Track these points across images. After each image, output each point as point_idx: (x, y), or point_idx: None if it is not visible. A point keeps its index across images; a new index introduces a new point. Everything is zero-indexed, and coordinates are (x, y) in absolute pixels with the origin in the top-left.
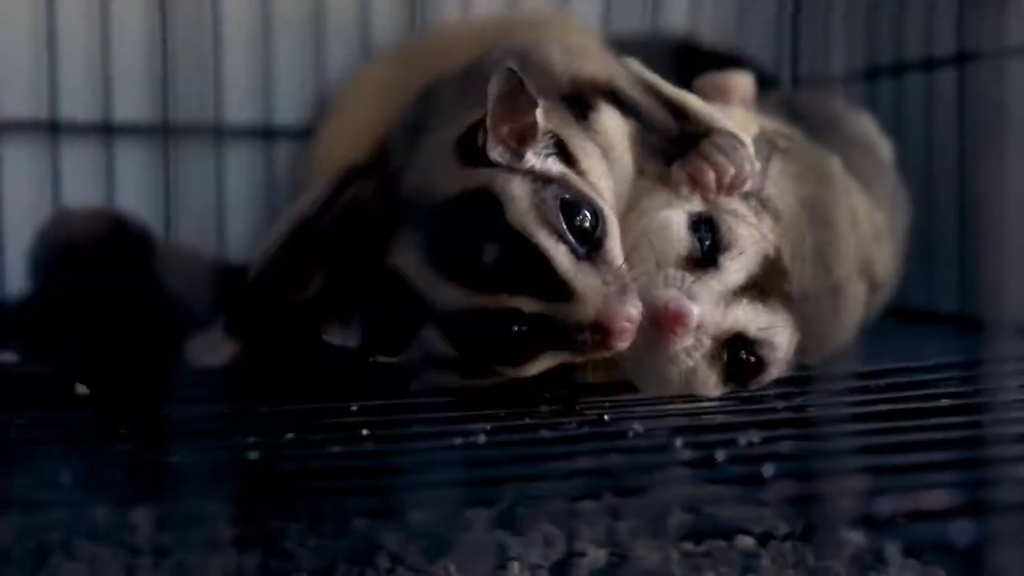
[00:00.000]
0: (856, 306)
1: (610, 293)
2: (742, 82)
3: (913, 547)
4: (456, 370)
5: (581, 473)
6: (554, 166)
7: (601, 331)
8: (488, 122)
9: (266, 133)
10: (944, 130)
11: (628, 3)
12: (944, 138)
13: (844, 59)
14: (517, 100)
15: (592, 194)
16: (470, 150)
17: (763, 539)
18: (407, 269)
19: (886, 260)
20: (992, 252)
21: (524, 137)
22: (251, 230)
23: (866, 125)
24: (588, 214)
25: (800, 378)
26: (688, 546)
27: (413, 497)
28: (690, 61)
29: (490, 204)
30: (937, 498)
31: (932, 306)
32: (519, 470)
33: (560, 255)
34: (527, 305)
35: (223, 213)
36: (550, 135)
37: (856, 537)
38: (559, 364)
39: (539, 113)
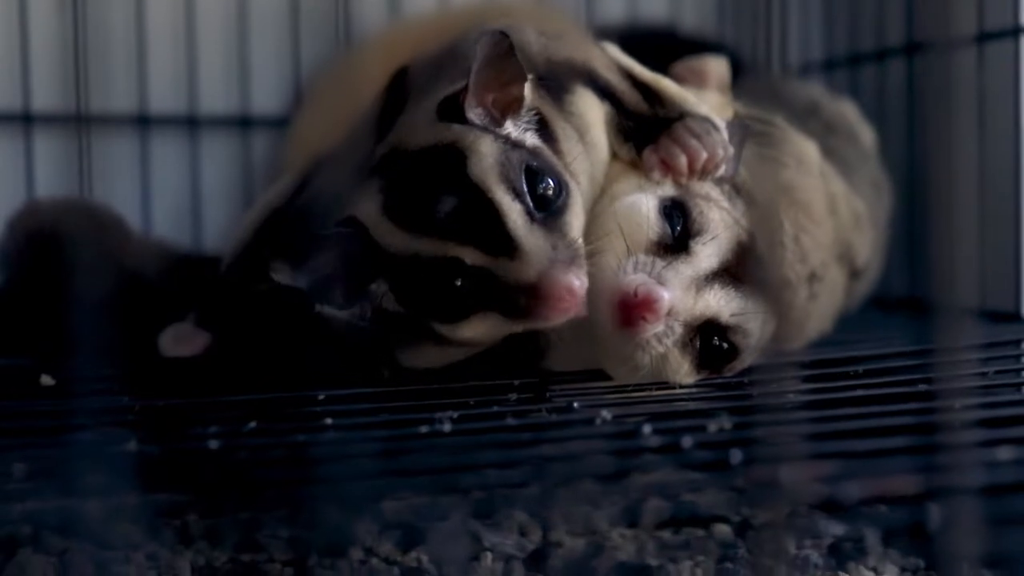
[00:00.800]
0: (835, 293)
1: (556, 258)
2: (718, 66)
3: (890, 534)
4: (403, 332)
5: (546, 460)
6: (531, 139)
7: (539, 296)
8: (472, 81)
9: (243, 122)
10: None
11: None
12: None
13: (826, 46)
14: (504, 66)
15: (562, 169)
16: (450, 109)
17: (741, 528)
18: (366, 216)
19: (866, 247)
20: (940, 237)
21: (507, 109)
22: (228, 220)
23: (848, 112)
24: (552, 183)
25: (775, 365)
26: (665, 535)
27: (371, 486)
28: (671, 50)
29: (455, 157)
30: (904, 483)
31: (915, 294)
32: (483, 456)
33: (513, 212)
34: (471, 256)
35: (199, 203)
36: (534, 111)
37: (834, 527)
38: (525, 346)
39: (527, 87)
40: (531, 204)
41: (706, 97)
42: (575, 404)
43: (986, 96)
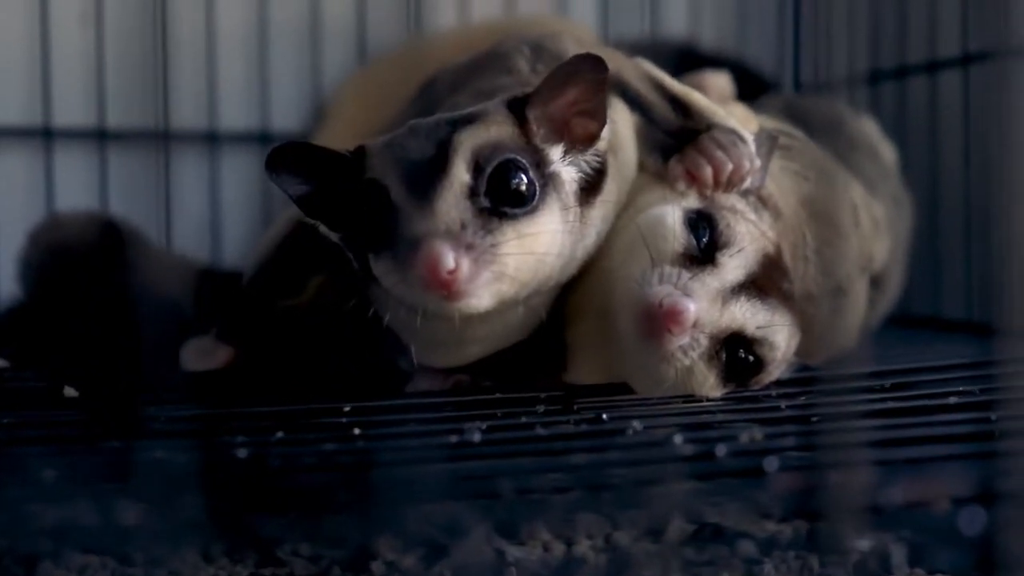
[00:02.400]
0: (859, 307)
1: (457, 235)
2: (719, 82)
3: (919, 551)
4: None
5: (578, 468)
6: (568, 174)
7: (413, 257)
8: (547, 83)
9: (263, 138)
10: (949, 134)
11: (626, 8)
12: (950, 142)
13: (847, 63)
14: (589, 96)
15: (557, 190)
16: (516, 102)
17: (766, 546)
18: (375, 144)
19: (883, 250)
20: (1002, 257)
21: (575, 138)
22: (248, 235)
23: (869, 129)
24: (530, 185)
25: (803, 379)
26: (689, 553)
27: (405, 495)
28: (691, 65)
29: (456, 125)
30: (942, 487)
31: (938, 312)
32: (516, 463)
33: (456, 181)
34: (398, 193)
35: (220, 218)
36: (597, 156)
37: (861, 543)
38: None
39: (607, 130)
40: (484, 187)
41: (733, 110)
42: (604, 416)
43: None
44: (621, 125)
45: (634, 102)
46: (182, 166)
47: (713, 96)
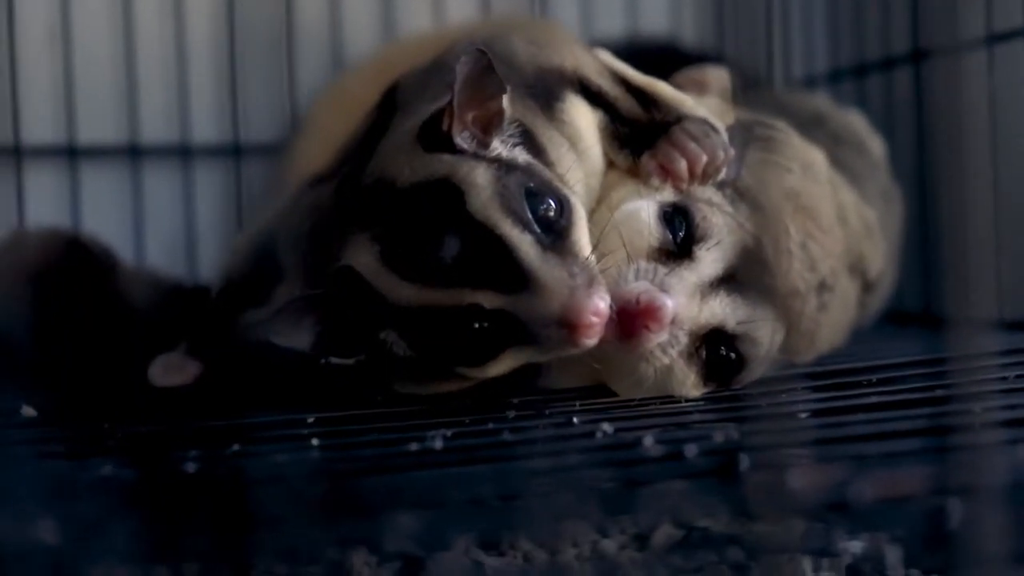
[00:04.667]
0: (847, 304)
1: (576, 286)
2: (719, 76)
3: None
4: (416, 373)
5: (536, 474)
6: (520, 155)
7: (567, 326)
8: (455, 104)
9: (236, 150)
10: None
11: (607, 7)
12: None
13: (831, 58)
14: (484, 84)
15: (559, 183)
16: (434, 136)
17: (754, 552)
18: (364, 267)
19: (879, 258)
20: (953, 248)
21: (489, 124)
22: (223, 249)
23: (856, 123)
24: (552, 203)
25: (787, 376)
26: (676, 560)
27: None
28: (673, 64)
29: (451, 194)
30: (916, 480)
31: (929, 307)
32: (474, 470)
33: (524, 245)
34: (489, 300)
35: (194, 233)
36: (516, 124)
37: (854, 545)
38: (525, 365)
39: (505, 99)
40: (538, 230)
41: (706, 102)
42: (575, 419)
43: (997, 99)
44: (575, 116)
45: (597, 98)
46: (154, 181)
47: (712, 91)
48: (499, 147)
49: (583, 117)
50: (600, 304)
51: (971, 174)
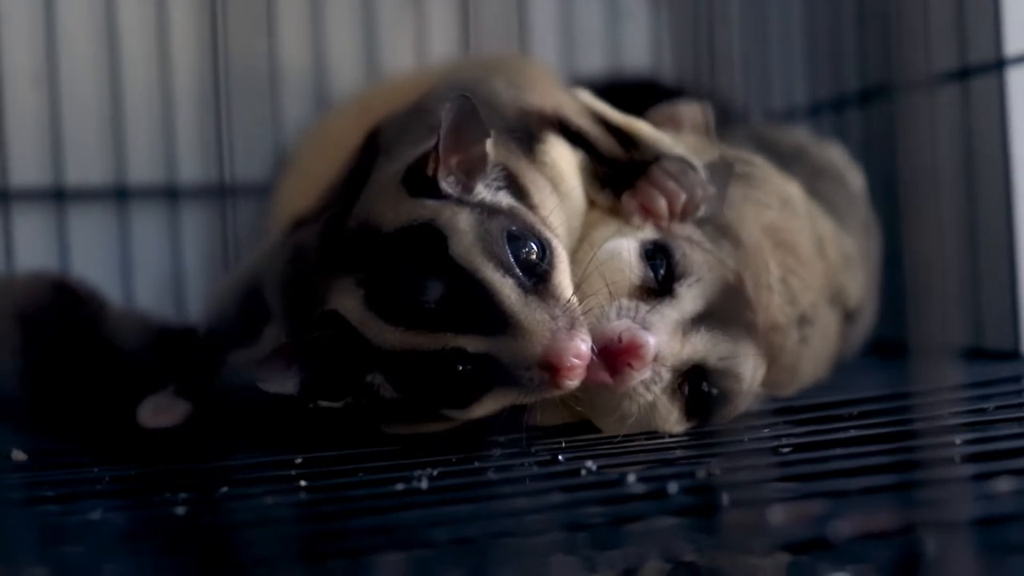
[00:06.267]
0: (828, 337)
1: (558, 328)
2: (691, 112)
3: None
4: (403, 414)
5: (522, 513)
6: (504, 199)
7: (549, 369)
8: (440, 150)
9: (223, 191)
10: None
11: (588, 44)
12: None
13: (810, 91)
14: (469, 129)
15: (541, 226)
16: (418, 181)
17: None
18: (349, 312)
19: (858, 288)
20: (915, 275)
21: (473, 169)
22: (211, 289)
23: (835, 155)
24: (535, 246)
25: (770, 411)
26: None
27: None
28: (654, 99)
29: (434, 239)
30: (892, 518)
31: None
32: (455, 511)
33: (507, 289)
34: (472, 344)
35: (182, 274)
36: (500, 167)
37: None
38: (510, 406)
39: (489, 143)
40: (520, 274)
41: (685, 139)
42: (560, 457)
43: (973, 131)
44: (556, 157)
45: (577, 138)
46: (142, 222)
47: (687, 127)
48: (483, 191)
49: (564, 158)
50: (581, 346)
51: (931, 207)
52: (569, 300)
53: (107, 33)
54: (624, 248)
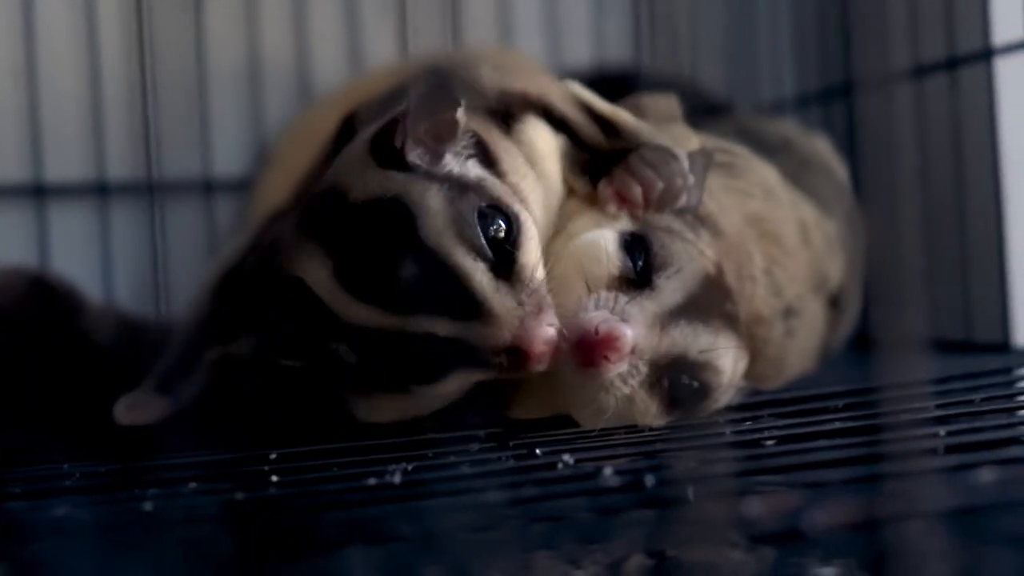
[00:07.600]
0: (814, 328)
1: (526, 314)
2: (658, 103)
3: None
4: (366, 383)
5: (492, 507)
6: (473, 169)
7: (517, 353)
8: (408, 118)
9: (206, 186)
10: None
11: (571, 36)
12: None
13: (798, 82)
14: (440, 97)
15: (509, 199)
16: (386, 150)
17: None
18: (315, 284)
19: (840, 269)
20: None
21: (442, 136)
22: (192, 286)
23: (821, 146)
24: (502, 223)
25: (752, 404)
26: None
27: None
28: (637, 91)
29: (404, 217)
30: (864, 509)
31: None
32: (428, 505)
33: (477, 273)
34: (442, 328)
35: (164, 270)
36: (470, 134)
37: (826, 571)
38: (485, 392)
39: (460, 111)
40: (491, 255)
41: (670, 129)
42: (538, 451)
43: (961, 122)
44: (534, 136)
45: (560, 124)
46: (123, 218)
47: (651, 118)
48: (451, 161)
49: (543, 140)
50: (549, 331)
51: (891, 198)
52: (536, 281)
53: (87, 27)
54: (602, 239)
